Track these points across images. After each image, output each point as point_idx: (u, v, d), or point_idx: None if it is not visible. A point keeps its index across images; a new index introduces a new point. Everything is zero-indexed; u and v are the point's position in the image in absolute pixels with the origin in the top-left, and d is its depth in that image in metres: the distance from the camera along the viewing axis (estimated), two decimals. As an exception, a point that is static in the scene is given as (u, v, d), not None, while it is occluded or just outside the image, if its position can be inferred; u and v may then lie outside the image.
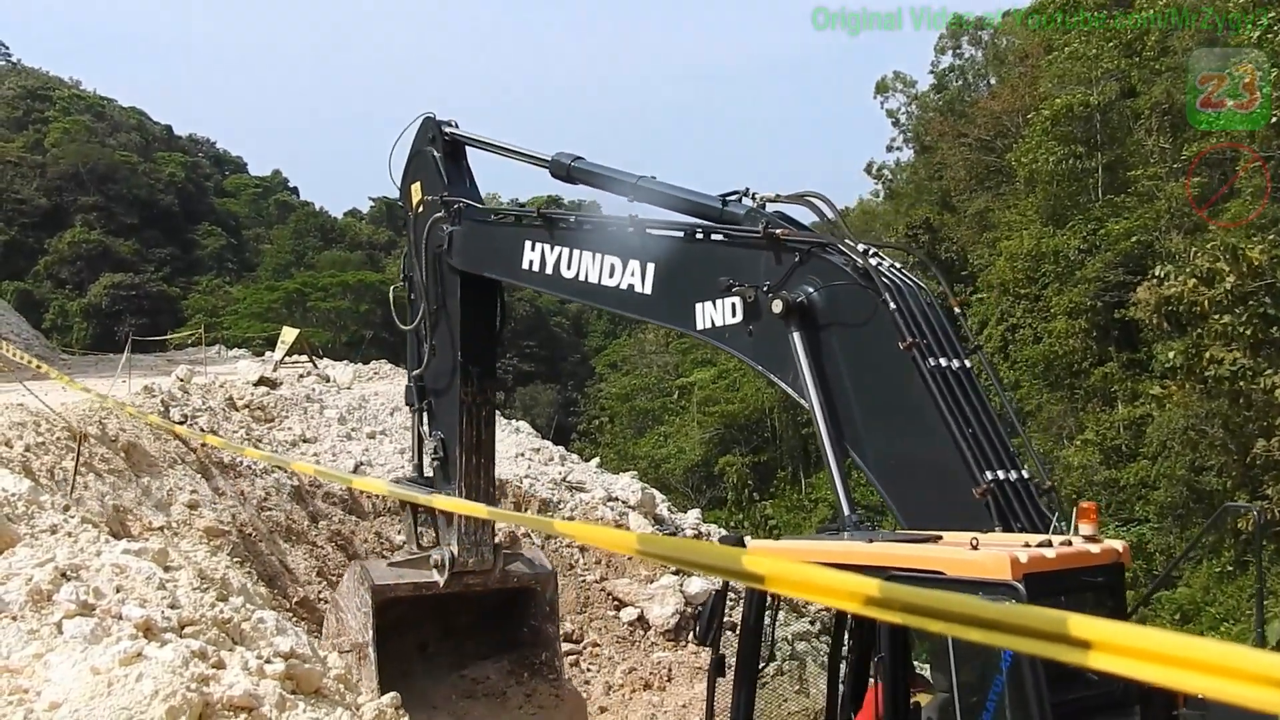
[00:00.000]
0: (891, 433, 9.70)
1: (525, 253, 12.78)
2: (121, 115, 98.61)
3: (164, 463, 18.03)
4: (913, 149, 67.37)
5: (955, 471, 9.09)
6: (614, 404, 76.04)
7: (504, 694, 17.78)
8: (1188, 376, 29.34)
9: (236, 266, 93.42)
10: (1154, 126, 41.21)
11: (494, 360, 15.02)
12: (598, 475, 29.06)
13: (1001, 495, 8.95)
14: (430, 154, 14.28)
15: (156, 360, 42.56)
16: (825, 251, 10.09)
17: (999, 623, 2.06)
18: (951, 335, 9.80)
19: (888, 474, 9.67)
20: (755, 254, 10.47)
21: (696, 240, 11.35)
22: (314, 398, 28.80)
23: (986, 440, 9.23)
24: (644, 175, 12.09)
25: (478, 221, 13.82)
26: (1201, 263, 27.40)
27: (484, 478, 14.67)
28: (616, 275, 11.76)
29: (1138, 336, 37.58)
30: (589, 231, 12.32)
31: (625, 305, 12.03)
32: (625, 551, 5.14)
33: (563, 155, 13.06)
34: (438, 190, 14.12)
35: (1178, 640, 1.81)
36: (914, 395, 9.39)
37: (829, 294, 9.97)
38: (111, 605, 9.14)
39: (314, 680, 9.55)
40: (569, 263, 12.32)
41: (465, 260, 13.85)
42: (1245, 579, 29.20)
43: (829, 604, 2.47)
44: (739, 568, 2.80)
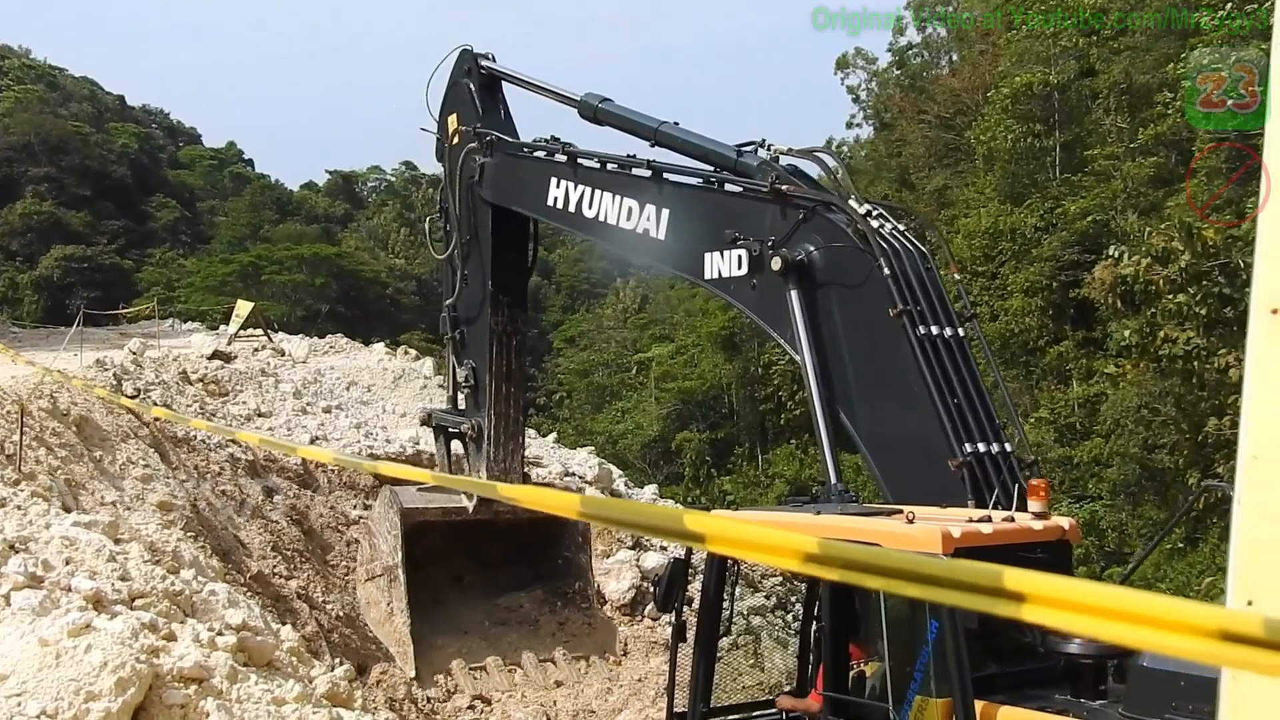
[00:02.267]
0: (878, 399, 9.74)
1: (550, 189, 12.97)
2: (73, 85, 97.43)
3: (116, 437, 17.87)
4: (872, 126, 67.49)
5: (935, 442, 9.12)
6: (571, 379, 76.00)
7: (536, 621, 18.21)
8: (1142, 355, 29.60)
9: (190, 239, 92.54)
10: (1112, 106, 41.43)
11: (524, 291, 15.28)
12: (555, 450, 29.05)
13: (980, 468, 9.00)
14: (466, 85, 14.55)
15: (109, 333, 42.18)
16: (829, 210, 10.13)
17: (935, 578, 2.07)
18: (946, 303, 9.81)
19: (873, 441, 9.73)
20: (763, 208, 10.54)
21: (709, 190, 11.44)
22: (269, 372, 28.64)
23: (971, 412, 9.27)
24: (666, 120, 12.26)
25: (508, 154, 14.05)
26: (1156, 242, 27.62)
27: (513, 405, 14.97)
28: (634, 219, 11.89)
29: (1093, 315, 37.84)
30: (610, 173, 12.46)
31: (640, 249, 12.22)
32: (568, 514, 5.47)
33: (591, 96, 13.23)
34: (472, 122, 14.38)
35: (1110, 592, 1.82)
36: (901, 363, 9.40)
37: (828, 254, 10.03)
38: (61, 577, 9.08)
39: (266, 653, 9.52)
40: (590, 202, 12.50)
41: (495, 193, 14.13)
42: (1195, 555, 29.53)
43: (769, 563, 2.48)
44: (680, 528, 2.80)
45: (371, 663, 18.09)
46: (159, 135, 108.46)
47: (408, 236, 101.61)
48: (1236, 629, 1.67)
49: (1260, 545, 2.36)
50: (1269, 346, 2.35)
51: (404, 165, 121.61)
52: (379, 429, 26.02)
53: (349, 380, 29.38)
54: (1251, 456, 2.40)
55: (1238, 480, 2.47)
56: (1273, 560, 2.33)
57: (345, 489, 21.90)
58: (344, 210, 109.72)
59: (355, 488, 22.04)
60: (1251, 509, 2.39)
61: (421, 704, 18.10)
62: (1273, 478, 2.35)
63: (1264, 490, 2.38)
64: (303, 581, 18.51)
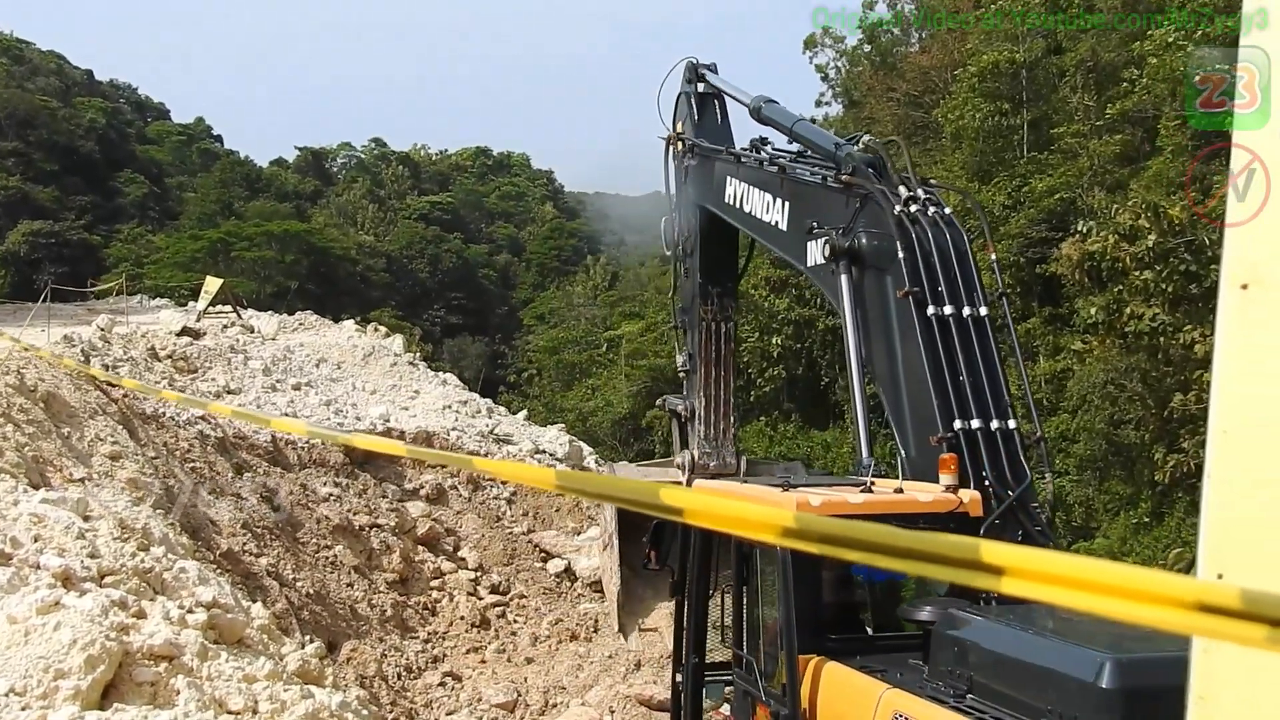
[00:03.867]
0: (896, 376, 10.26)
1: (728, 188, 13.83)
2: (40, 59, 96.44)
3: (84, 413, 17.77)
4: (841, 104, 67.43)
5: (929, 418, 9.64)
6: (541, 357, 75.83)
7: None
8: (1108, 332, 29.77)
9: (159, 215, 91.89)
10: (1079, 84, 41.53)
11: (734, 282, 16.23)
12: (525, 428, 29.08)
13: (968, 444, 9.48)
14: (685, 95, 15.66)
15: (77, 309, 41.97)
16: (883, 199, 10.76)
17: (914, 551, 2.09)
18: (974, 283, 10.32)
19: (895, 417, 10.28)
20: (836, 198, 11.29)
21: (806, 182, 12.19)
22: (238, 349, 28.54)
23: (975, 390, 9.76)
24: (802, 118, 13.38)
25: (705, 157, 14.97)
26: (1123, 220, 27.74)
27: (723, 389, 15.99)
28: (770, 212, 12.64)
29: (1060, 292, 37.98)
30: (760, 170, 13.20)
31: (776, 242, 12.93)
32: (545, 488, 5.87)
33: (759, 99, 14.12)
34: (689, 128, 15.48)
35: (1087, 565, 1.84)
36: (910, 342, 9.96)
37: (872, 239, 10.67)
38: (29, 555, 9.04)
39: (237, 630, 9.52)
40: (747, 198, 13.29)
41: (697, 193, 15.14)
42: (1161, 530, 29.75)
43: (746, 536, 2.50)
44: (657, 501, 2.81)
45: (342, 640, 18.10)
46: (127, 110, 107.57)
47: (377, 213, 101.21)
48: (1213, 600, 1.69)
49: (1230, 519, 2.38)
50: (1239, 321, 2.37)
51: (374, 142, 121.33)
52: (349, 406, 25.98)
53: (319, 357, 29.30)
54: (1221, 431, 2.42)
55: (1208, 455, 2.49)
56: (1242, 533, 2.35)
57: (315, 466, 21.85)
58: (313, 187, 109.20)
59: (325, 465, 22.00)
60: (1221, 483, 2.41)
61: (393, 680, 18.15)
62: (1242, 452, 2.37)
63: (1234, 464, 2.40)
64: (272, 559, 18.48)
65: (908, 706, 6.61)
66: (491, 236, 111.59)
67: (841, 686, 7.40)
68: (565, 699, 18.09)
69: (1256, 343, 2.31)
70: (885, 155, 11.59)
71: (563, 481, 3.44)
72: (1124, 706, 5.50)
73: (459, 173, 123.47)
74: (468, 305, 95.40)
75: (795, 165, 12.61)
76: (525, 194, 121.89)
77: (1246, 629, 1.70)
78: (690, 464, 16.00)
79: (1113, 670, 5.58)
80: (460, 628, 20.36)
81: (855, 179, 11.07)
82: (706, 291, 15.72)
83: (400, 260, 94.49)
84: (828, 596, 8.36)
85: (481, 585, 21.40)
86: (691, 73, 15.73)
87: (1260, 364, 2.31)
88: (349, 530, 20.74)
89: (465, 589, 21.10)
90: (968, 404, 9.69)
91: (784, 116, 13.53)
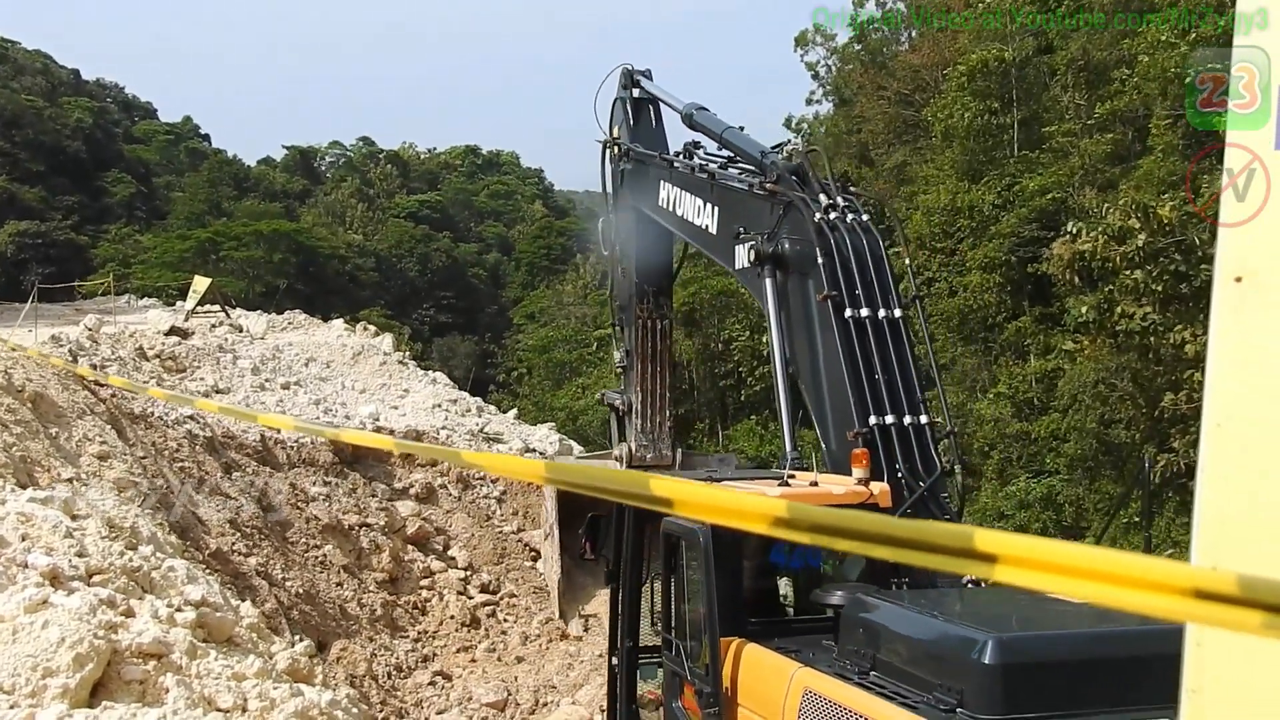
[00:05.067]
0: (818, 375, 10.78)
1: (660, 191, 14.29)
2: (26, 59, 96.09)
3: (72, 413, 17.71)
4: (832, 102, 67.48)
5: (847, 414, 10.23)
6: (531, 356, 75.75)
7: None
8: (1099, 331, 29.79)
9: (147, 215, 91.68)
10: (1069, 83, 41.58)
11: (668, 280, 16.70)
12: (515, 426, 29.06)
13: (882, 439, 10.06)
14: (620, 100, 16.08)
15: (65, 309, 41.92)
16: (804, 206, 11.22)
17: (906, 540, 2.08)
18: (889, 286, 10.85)
19: (817, 414, 10.82)
20: (762, 205, 11.73)
21: (735, 188, 12.55)
22: (227, 348, 28.50)
23: (890, 387, 10.29)
24: (731, 126, 13.57)
25: (638, 161, 15.41)
26: (1114, 220, 27.76)
27: (659, 384, 16.63)
28: (701, 216, 13.08)
29: (1051, 291, 38.03)
30: (689, 174, 13.60)
31: (705, 243, 13.33)
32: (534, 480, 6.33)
33: (690, 105, 14.60)
34: (624, 133, 15.90)
35: (1083, 552, 1.83)
36: (829, 342, 10.50)
37: (795, 245, 11.17)
38: (16, 554, 9.00)
39: (226, 629, 9.49)
40: (679, 202, 13.71)
41: (632, 196, 15.57)
42: (1151, 529, 29.81)
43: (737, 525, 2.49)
44: (646, 492, 2.81)
45: (331, 639, 18.07)
46: (114, 110, 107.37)
47: (366, 212, 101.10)
48: (1210, 587, 1.68)
49: (1224, 511, 2.37)
50: (1233, 314, 2.36)
51: (362, 141, 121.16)
52: (338, 405, 25.95)
53: (308, 356, 29.25)
54: (1215, 424, 2.41)
55: (1202, 447, 2.48)
56: (1236, 525, 2.34)
57: (305, 465, 21.81)
58: (302, 186, 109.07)
59: (315, 464, 21.95)
60: (1215, 476, 2.40)
61: (382, 680, 18.12)
62: (1236, 444, 2.36)
63: (1227, 457, 2.39)
64: (262, 558, 18.44)
65: (817, 683, 7.08)
66: (481, 235, 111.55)
67: (759, 666, 7.88)
68: (556, 698, 18.08)
69: (1250, 335, 2.31)
70: (808, 163, 11.99)
71: (551, 474, 3.44)
72: (1004, 681, 6.03)
73: (448, 171, 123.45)
74: (457, 304, 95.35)
75: (725, 171, 13.00)
76: (515, 192, 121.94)
77: (1243, 615, 1.70)
78: (628, 456, 16.56)
79: (994, 648, 6.08)
80: (450, 627, 20.32)
81: (779, 186, 11.55)
82: (643, 291, 16.18)
83: (389, 259, 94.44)
84: (748, 583, 8.83)
85: (471, 584, 21.37)
86: (627, 79, 16.12)
87: (1254, 357, 2.31)
88: (338, 530, 20.70)
89: (455, 588, 21.07)
90: (882, 401, 10.22)
91: (714, 124, 13.91)
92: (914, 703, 6.30)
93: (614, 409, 17.47)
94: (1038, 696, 6.07)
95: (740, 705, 7.93)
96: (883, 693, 6.54)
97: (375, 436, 13.08)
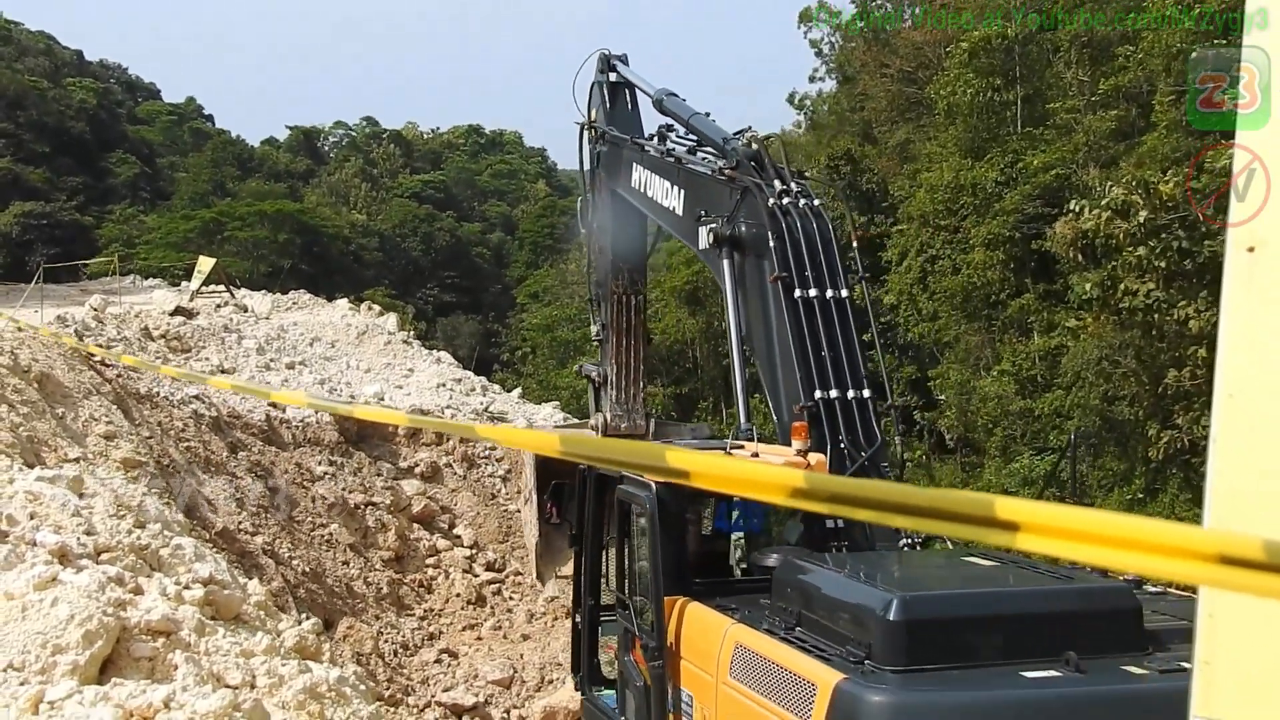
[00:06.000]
0: (771, 351, 11.42)
1: (632, 173, 14.84)
2: (29, 39, 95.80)
3: (78, 394, 17.74)
4: (835, 80, 67.20)
5: (796, 389, 10.84)
6: (535, 335, 75.67)
7: None
8: (1102, 308, 29.71)
9: (151, 195, 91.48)
10: (1073, 59, 41.40)
11: (641, 258, 17.21)
12: (520, 406, 29.09)
13: (827, 412, 10.70)
14: (597, 84, 16.57)
15: (70, 290, 41.94)
16: (758, 191, 11.76)
17: (927, 509, 2.07)
18: (835, 268, 11.45)
19: (769, 387, 11.49)
20: (723, 189, 12.25)
21: (699, 173, 13.11)
22: (231, 328, 28.51)
23: (835, 363, 10.92)
24: (698, 113, 14.08)
25: (613, 144, 15.88)
26: (1116, 196, 27.68)
27: (633, 356, 17.16)
28: (669, 198, 13.62)
29: (1054, 268, 37.94)
30: (657, 158, 14.17)
31: (672, 224, 13.95)
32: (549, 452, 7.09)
33: (661, 91, 15.15)
34: (600, 116, 16.38)
35: (1106, 519, 1.82)
36: (780, 321, 11.14)
37: (750, 229, 11.74)
38: (25, 532, 9.03)
39: (234, 606, 9.52)
40: (649, 183, 14.28)
41: (607, 177, 16.07)
42: (1154, 506, 29.78)
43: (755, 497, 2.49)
44: (663, 464, 2.81)
45: (338, 618, 18.13)
46: (117, 90, 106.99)
47: (369, 192, 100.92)
48: (1235, 552, 1.67)
49: (1236, 482, 2.36)
50: (1245, 285, 2.36)
51: (365, 120, 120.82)
52: (343, 385, 25.98)
53: (312, 336, 29.25)
54: (1227, 394, 2.41)
55: (1213, 418, 2.48)
56: (1248, 496, 2.33)
57: (310, 445, 21.84)
58: (305, 166, 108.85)
59: (320, 443, 21.99)
60: (1227, 446, 2.40)
61: (389, 657, 18.17)
62: (1248, 415, 2.36)
63: (1240, 427, 2.39)
64: (268, 537, 18.50)
65: (746, 638, 7.68)
66: (484, 215, 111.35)
67: (698, 622, 8.51)
68: (561, 675, 18.13)
69: (1263, 305, 2.30)
70: (765, 150, 12.48)
71: (567, 446, 3.45)
72: (906, 635, 6.63)
73: (451, 151, 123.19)
74: (461, 283, 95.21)
75: (691, 156, 13.55)
76: (518, 171, 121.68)
77: (1269, 580, 1.69)
78: (603, 425, 17.11)
79: (898, 606, 6.68)
80: (456, 605, 20.39)
81: (737, 172, 12.08)
82: (617, 268, 16.68)
83: (393, 239, 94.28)
84: (693, 546, 9.54)
85: (477, 563, 21.43)
86: (604, 64, 16.61)
87: (1267, 327, 2.30)
88: (344, 508, 20.74)
89: (461, 566, 21.12)
90: (828, 376, 10.81)
91: (682, 109, 14.52)
92: (829, 655, 6.82)
93: (591, 380, 18.09)
94: (938, 650, 6.64)
95: (682, 659, 8.59)
96: (803, 646, 7.06)
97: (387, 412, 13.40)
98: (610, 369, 17.19)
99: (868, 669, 6.55)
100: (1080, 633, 6.68)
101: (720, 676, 7.84)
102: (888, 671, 6.51)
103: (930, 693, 6.41)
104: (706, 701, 8.12)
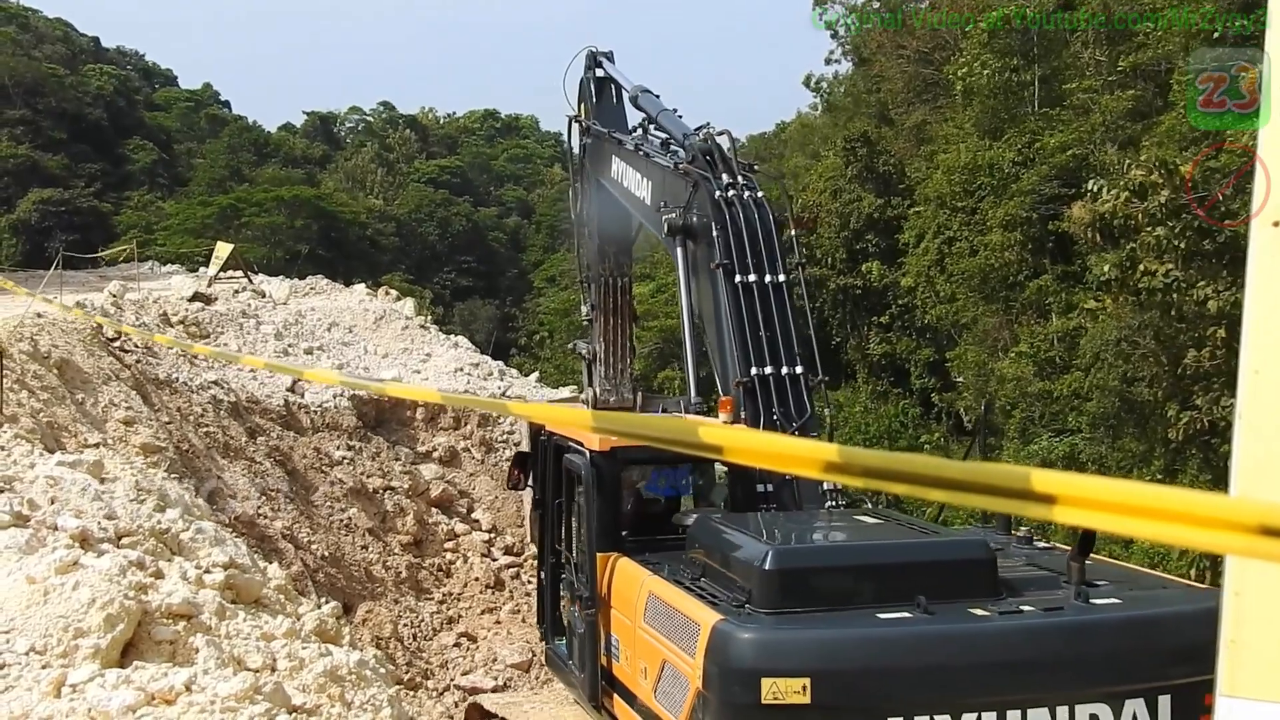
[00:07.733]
0: (719, 332, 12.31)
1: (612, 165, 15.71)
2: (46, 27, 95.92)
3: (98, 379, 17.80)
4: (851, 61, 66.96)
5: (736, 366, 11.81)
6: (552, 319, 75.71)
7: None
8: (1121, 289, 29.58)
9: (168, 181, 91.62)
10: (1090, 39, 41.20)
11: (627, 242, 17.76)
12: (537, 390, 29.09)
13: (761, 387, 11.68)
14: (584, 79, 17.37)
15: (89, 276, 42.04)
16: (706, 184, 12.67)
17: (962, 482, 2.05)
18: (775, 255, 12.41)
19: (716, 364, 12.46)
20: (681, 182, 13.14)
21: (661, 166, 13.92)
22: (249, 313, 28.55)
23: (770, 342, 11.87)
24: (667, 109, 15.17)
25: (596, 137, 16.67)
26: (1135, 176, 27.54)
27: (620, 335, 17.87)
28: (640, 189, 14.50)
29: (1072, 249, 37.80)
30: (630, 150, 15.08)
31: (642, 214, 14.73)
32: (581, 429, 9.42)
33: (637, 88, 16.18)
34: (587, 110, 17.22)
35: (1145, 491, 1.79)
36: (723, 303, 12.11)
37: (702, 219, 12.65)
38: (47, 516, 9.06)
39: (254, 590, 9.54)
40: (625, 175, 15.14)
41: (592, 168, 16.90)
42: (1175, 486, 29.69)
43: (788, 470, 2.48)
44: (696, 439, 2.81)
45: (357, 602, 18.19)
46: (134, 77, 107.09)
47: (386, 177, 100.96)
48: (1278, 523, 1.64)
49: (1261, 457, 2.34)
50: (1271, 259, 2.33)
51: (382, 105, 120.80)
52: (361, 369, 26.01)
53: (330, 321, 29.28)
54: (1253, 371, 2.39)
55: (1239, 394, 2.45)
56: (1274, 470, 2.31)
57: (329, 430, 21.89)
58: (322, 151, 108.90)
59: (338, 428, 22.04)
60: (1252, 421, 2.37)
61: (408, 641, 18.22)
62: (1273, 390, 2.33)
63: (1265, 402, 2.36)
64: (287, 522, 18.55)
65: (658, 588, 8.62)
66: (500, 199, 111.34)
67: (623, 575, 9.48)
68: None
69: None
70: (717, 145, 13.30)
71: (599, 423, 3.44)
72: (779, 582, 7.62)
73: (467, 136, 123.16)
74: (478, 268, 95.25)
75: (659, 150, 14.33)
76: (534, 156, 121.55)
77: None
78: (593, 400, 17.75)
79: (772, 556, 7.70)
80: (474, 589, 20.43)
81: (691, 166, 12.95)
82: (604, 251, 17.39)
83: (410, 224, 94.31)
84: (625, 508, 10.53)
85: (495, 547, 21.47)
86: (591, 60, 17.43)
87: (1292, 302, 2.27)
88: (363, 493, 20.79)
89: (479, 551, 21.16)
90: (764, 353, 11.78)
91: (652, 106, 15.55)
92: (718, 600, 7.77)
93: (583, 358, 18.94)
94: (807, 594, 7.61)
95: (611, 608, 9.62)
96: (701, 594, 8.00)
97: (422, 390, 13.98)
98: (599, 346, 17.93)
99: (745, 612, 7.51)
100: (935, 581, 7.56)
101: (637, 622, 8.87)
102: (761, 614, 7.47)
103: (792, 630, 7.35)
104: (628, 645, 9.16)
